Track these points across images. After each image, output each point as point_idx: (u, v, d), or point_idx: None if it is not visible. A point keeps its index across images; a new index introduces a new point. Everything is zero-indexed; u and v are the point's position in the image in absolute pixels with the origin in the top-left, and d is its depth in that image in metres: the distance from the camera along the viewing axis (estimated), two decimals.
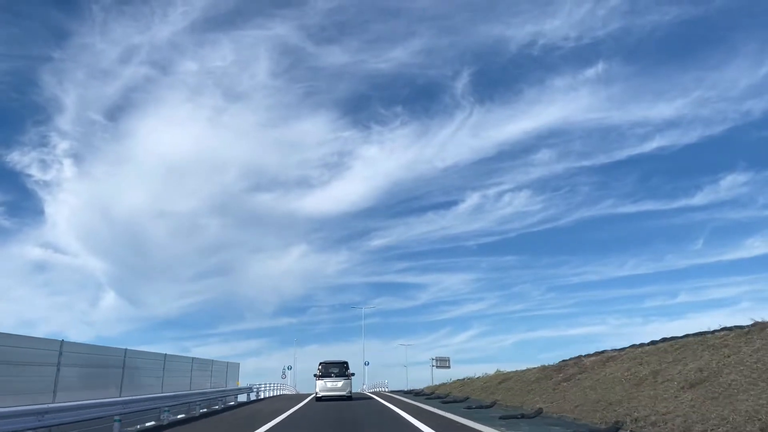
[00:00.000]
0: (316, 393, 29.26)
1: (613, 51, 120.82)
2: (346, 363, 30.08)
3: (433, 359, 54.09)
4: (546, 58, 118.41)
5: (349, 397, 29.17)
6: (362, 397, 32.39)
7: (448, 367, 53.74)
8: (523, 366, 27.89)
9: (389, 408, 21.22)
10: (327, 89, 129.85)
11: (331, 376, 29.13)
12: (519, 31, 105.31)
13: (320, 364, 29.76)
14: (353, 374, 30.36)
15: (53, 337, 15.00)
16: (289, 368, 69.04)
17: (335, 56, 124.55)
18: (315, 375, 29.77)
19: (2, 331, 12.48)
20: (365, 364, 63.40)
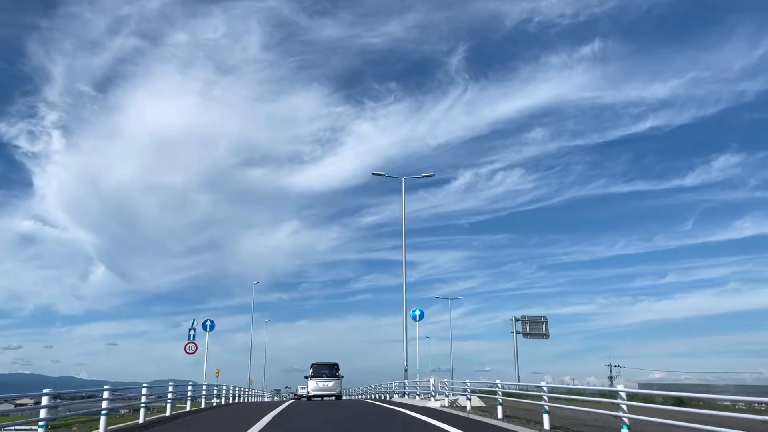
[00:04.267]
0: (308, 392, 31.65)
1: (610, 29, 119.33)
2: (336, 364, 32.10)
3: (517, 320, 34.71)
4: (542, 35, 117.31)
5: (338, 396, 31.36)
6: None
7: (546, 335, 36.02)
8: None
9: None
10: (320, 63, 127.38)
11: (322, 377, 31.14)
12: (515, 7, 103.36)
13: (312, 365, 31.76)
14: (342, 376, 32.04)
15: (42, 311, 15.58)
16: (209, 327, 28.93)
17: (329, 30, 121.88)
18: (306, 376, 32.06)
19: None
20: (415, 316, 29.36)
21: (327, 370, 31.52)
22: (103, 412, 13.37)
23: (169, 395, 18.65)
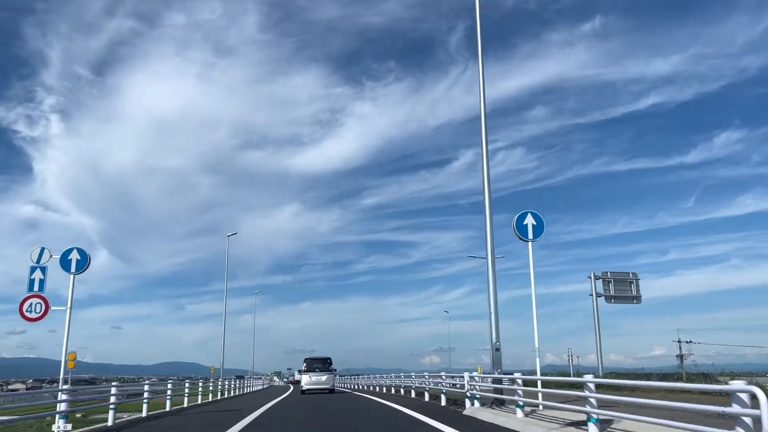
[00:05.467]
0: (302, 386, 31.76)
1: (610, 5, 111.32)
2: (329, 359, 32.48)
3: (597, 277, 27.28)
4: (542, 12, 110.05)
5: (331, 390, 31.32)
6: None
7: (636, 299, 28.95)
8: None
9: None
10: (319, 43, 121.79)
11: (315, 371, 31.28)
12: None
13: (305, 359, 32.39)
14: (335, 369, 32.61)
15: (45, 296, 14.27)
16: (75, 265, 15.57)
17: (327, 9, 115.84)
18: (299, 370, 33.55)
19: None
20: (524, 229, 14.66)
21: (320, 364, 31.75)
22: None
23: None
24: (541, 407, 11.88)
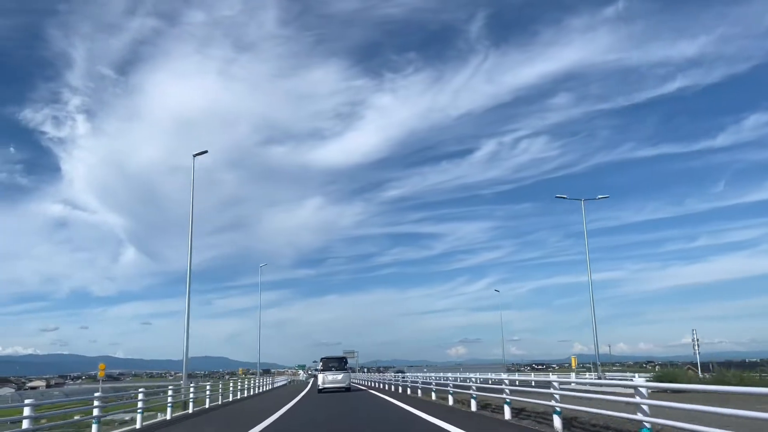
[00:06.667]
0: (318, 386, 32.30)
1: None
2: (345, 358, 34.25)
3: None
4: None
5: (347, 389, 31.89)
6: None
7: None
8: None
9: None
10: (338, 37, 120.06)
11: (331, 370, 31.95)
12: None
13: (321, 359, 33.63)
14: (351, 368, 33.98)
15: (77, 293, 15.38)
16: None
17: (345, 1, 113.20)
18: (316, 369, 35.02)
19: None
20: None
21: (336, 363, 32.52)
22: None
23: None
24: None
